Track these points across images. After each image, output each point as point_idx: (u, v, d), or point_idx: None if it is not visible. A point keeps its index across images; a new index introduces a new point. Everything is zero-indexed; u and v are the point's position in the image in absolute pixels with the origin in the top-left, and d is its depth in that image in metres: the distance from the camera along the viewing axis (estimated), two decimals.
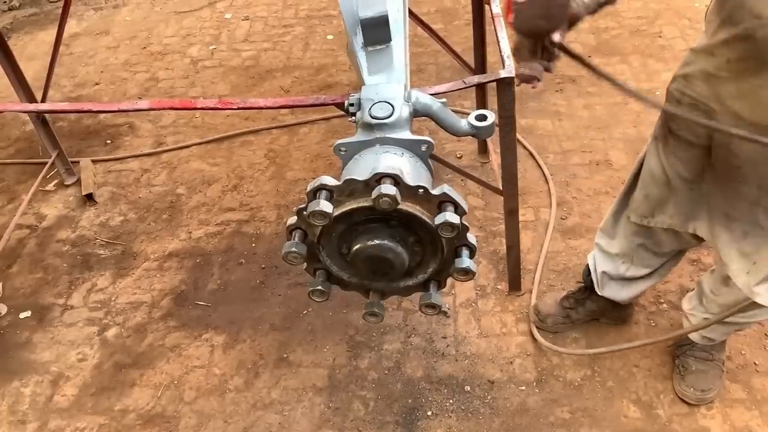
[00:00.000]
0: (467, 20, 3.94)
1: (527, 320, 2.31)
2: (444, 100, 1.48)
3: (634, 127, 3.08)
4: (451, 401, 2.13)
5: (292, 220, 1.38)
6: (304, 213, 1.33)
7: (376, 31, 1.61)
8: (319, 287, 1.45)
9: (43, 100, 2.74)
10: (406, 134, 1.40)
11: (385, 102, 1.44)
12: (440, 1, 4.23)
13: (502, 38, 1.84)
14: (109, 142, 3.46)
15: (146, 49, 4.18)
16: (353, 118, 1.52)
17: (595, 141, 3.03)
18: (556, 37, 1.35)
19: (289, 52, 3.95)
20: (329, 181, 1.32)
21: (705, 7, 1.48)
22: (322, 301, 1.48)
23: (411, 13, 2.23)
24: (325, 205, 1.28)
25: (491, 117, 1.43)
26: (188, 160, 3.25)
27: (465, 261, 1.30)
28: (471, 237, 1.31)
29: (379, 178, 1.24)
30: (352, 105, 1.53)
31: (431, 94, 1.53)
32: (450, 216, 1.22)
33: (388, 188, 1.21)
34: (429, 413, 2.11)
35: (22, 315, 2.59)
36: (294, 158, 3.15)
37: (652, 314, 2.29)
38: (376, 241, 1.31)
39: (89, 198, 3.05)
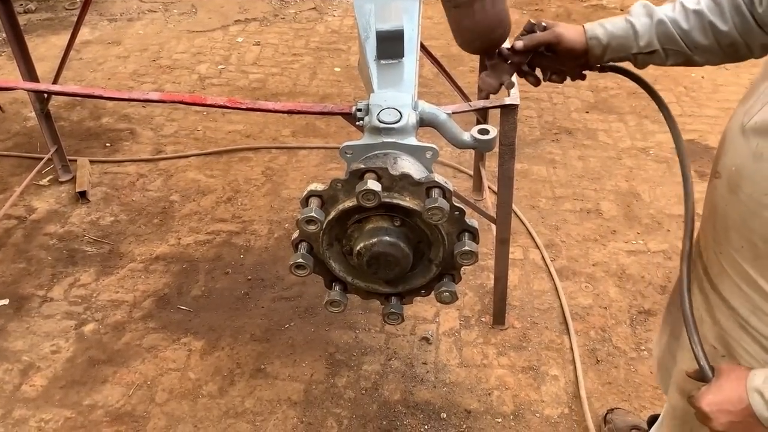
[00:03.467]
0: (472, 67, 4.06)
1: (509, 354, 2.31)
2: (450, 111, 1.52)
3: (626, 181, 3.14)
4: (426, 427, 2.11)
5: (296, 233, 1.39)
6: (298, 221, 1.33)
7: (391, 44, 1.66)
8: (336, 298, 1.44)
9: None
10: (412, 140, 1.44)
11: (394, 108, 1.48)
12: (447, 47, 4.35)
13: None
14: (108, 145, 3.48)
15: (155, 62, 4.25)
16: (360, 122, 1.56)
17: (587, 191, 3.09)
18: (504, 50, 1.36)
19: (296, 78, 4.03)
20: (317, 186, 1.34)
21: (701, 77, 1.45)
22: (339, 311, 1.46)
23: (421, 45, 2.30)
24: (315, 212, 1.30)
25: (494, 132, 1.46)
26: (185, 170, 3.27)
27: (467, 244, 1.30)
28: (471, 221, 1.31)
29: (361, 174, 1.26)
30: (359, 110, 1.56)
31: None
32: (439, 200, 1.23)
33: (368, 184, 1.22)
34: None
35: (0, 302, 2.56)
36: (291, 177, 3.18)
37: (632, 360, 2.30)
38: (375, 239, 1.32)
39: (82, 195, 3.05)
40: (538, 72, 1.43)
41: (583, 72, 1.40)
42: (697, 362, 1.09)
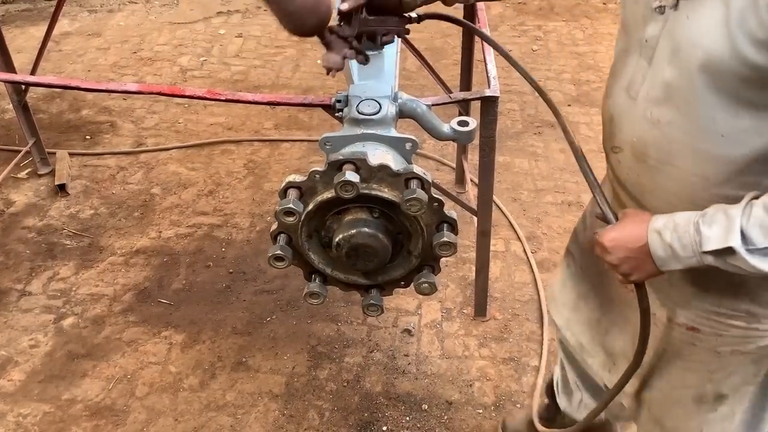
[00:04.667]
0: (455, 60, 4.06)
1: (490, 345, 2.32)
2: (429, 103, 1.52)
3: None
4: (407, 418, 2.11)
5: (275, 225, 1.37)
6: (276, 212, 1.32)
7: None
8: (316, 290, 1.43)
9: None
10: (391, 132, 1.44)
11: (373, 100, 1.47)
12: (431, 40, 4.35)
13: (490, 61, 1.90)
14: (88, 137, 3.44)
15: (136, 54, 4.20)
16: (339, 114, 1.55)
17: (569, 183, 3.11)
18: (334, 27, 1.44)
19: (278, 71, 4.01)
20: (296, 178, 1.33)
21: None
22: (319, 303, 1.45)
23: (404, 40, 2.30)
24: (293, 203, 1.28)
25: (473, 123, 1.47)
26: (166, 163, 3.24)
27: (446, 235, 1.30)
28: (450, 212, 1.31)
29: (340, 165, 1.25)
30: (339, 101, 1.56)
31: None
32: (417, 191, 1.23)
33: (346, 175, 1.22)
34: (384, 428, 2.09)
35: None
36: (273, 170, 3.17)
37: None
38: (354, 230, 1.32)
39: (61, 188, 3.01)
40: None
41: (407, 27, 1.53)
42: (600, 208, 1.19)
